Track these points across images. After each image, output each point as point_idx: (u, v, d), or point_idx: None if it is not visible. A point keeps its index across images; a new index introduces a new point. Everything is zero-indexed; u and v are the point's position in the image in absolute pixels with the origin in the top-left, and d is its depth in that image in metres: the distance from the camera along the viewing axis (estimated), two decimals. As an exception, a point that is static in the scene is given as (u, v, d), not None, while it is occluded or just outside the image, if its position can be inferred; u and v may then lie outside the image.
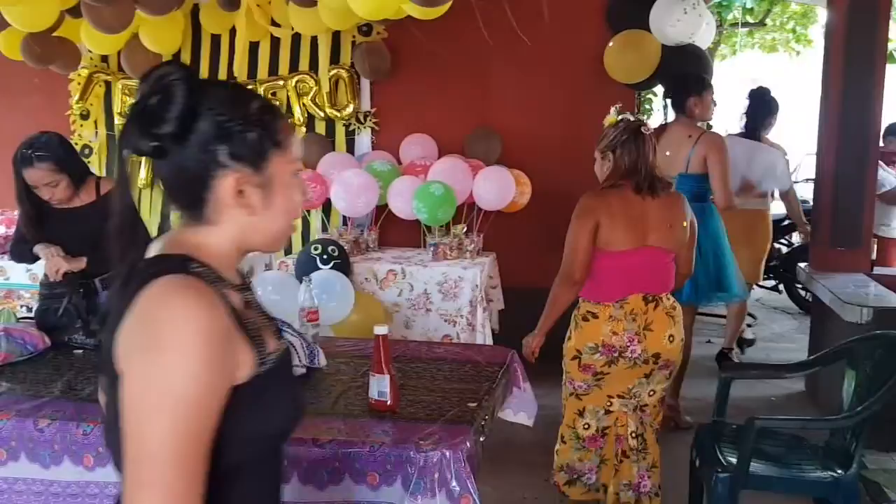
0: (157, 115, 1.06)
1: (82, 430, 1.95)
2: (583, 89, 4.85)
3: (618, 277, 2.62)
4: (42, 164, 2.66)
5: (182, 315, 0.99)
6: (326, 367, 2.39)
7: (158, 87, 1.08)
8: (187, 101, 1.06)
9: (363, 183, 4.49)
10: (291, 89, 5.16)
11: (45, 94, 5.40)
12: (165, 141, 1.06)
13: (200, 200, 1.11)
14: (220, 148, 1.08)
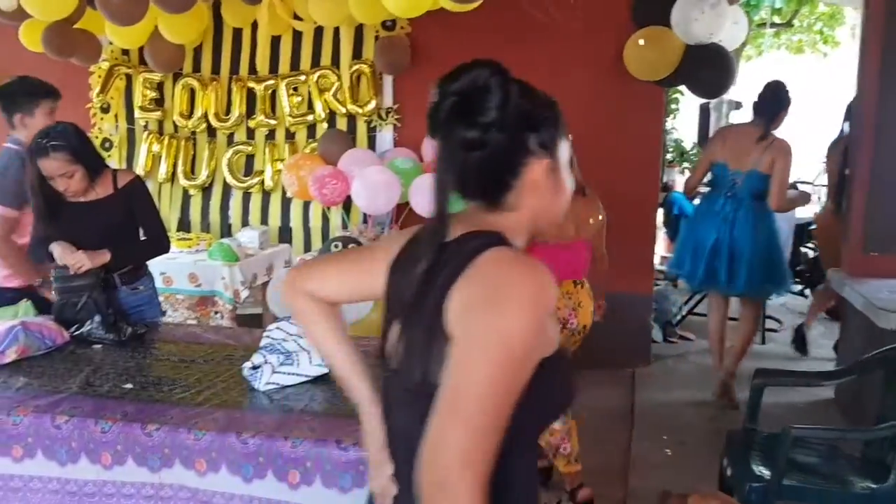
0: (480, 105, 1.15)
1: (100, 427, 1.90)
2: (605, 86, 4.77)
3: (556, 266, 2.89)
4: (57, 153, 2.62)
5: (523, 276, 1.10)
6: (349, 366, 2.33)
7: (476, 82, 1.16)
8: (503, 93, 1.15)
9: (385, 180, 4.44)
10: (313, 84, 5.11)
11: (66, 87, 5.29)
12: (488, 130, 1.14)
13: (506, 187, 1.19)
14: (531, 136, 1.18)
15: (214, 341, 2.60)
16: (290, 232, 5.29)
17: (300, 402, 2.06)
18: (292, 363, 2.20)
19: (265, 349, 2.26)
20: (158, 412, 1.97)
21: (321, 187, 4.51)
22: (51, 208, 2.73)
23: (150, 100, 5.32)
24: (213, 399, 2.07)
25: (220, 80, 5.26)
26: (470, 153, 1.16)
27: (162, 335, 2.70)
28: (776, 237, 4.17)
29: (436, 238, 1.17)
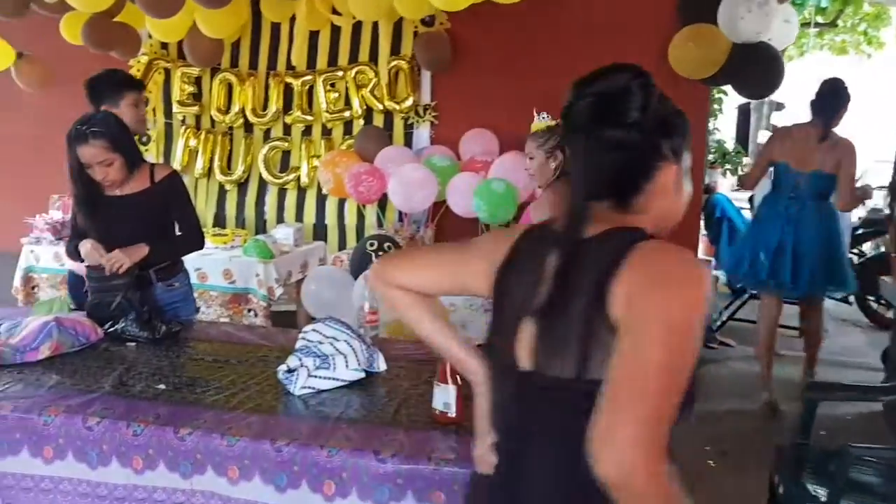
0: (622, 107, 1.18)
1: (132, 430, 1.84)
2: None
3: None
4: (97, 140, 2.58)
5: (688, 264, 1.13)
6: (385, 371, 2.25)
7: (618, 83, 1.20)
8: (645, 96, 1.19)
9: (421, 178, 4.36)
10: (350, 80, 5.05)
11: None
12: (629, 131, 1.17)
13: (638, 189, 1.22)
14: (664, 141, 1.21)
15: (249, 341, 2.55)
16: (325, 229, 5.24)
17: (336, 408, 1.99)
18: (328, 367, 2.13)
19: (301, 352, 2.19)
20: (191, 415, 1.91)
21: (357, 185, 4.45)
22: (90, 198, 2.69)
23: (188, 94, 5.30)
24: (247, 403, 2.00)
25: (258, 75, 5.23)
26: (609, 153, 1.19)
27: (196, 334, 2.65)
28: (839, 237, 4.14)
29: (572, 235, 1.19)
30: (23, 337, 2.27)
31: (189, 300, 2.91)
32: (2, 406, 1.93)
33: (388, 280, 1.44)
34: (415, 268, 1.44)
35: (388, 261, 1.50)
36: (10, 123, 5.64)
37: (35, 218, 4.65)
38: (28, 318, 2.41)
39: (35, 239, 4.60)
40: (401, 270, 1.44)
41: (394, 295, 1.45)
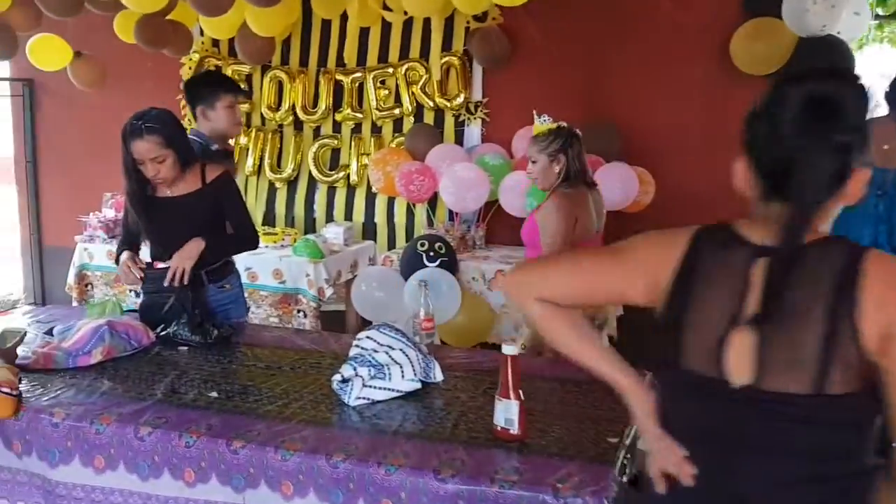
0: (845, 111, 1.16)
1: (184, 441, 1.79)
2: (710, 79, 4.47)
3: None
4: (151, 136, 2.54)
5: None
6: (443, 382, 2.17)
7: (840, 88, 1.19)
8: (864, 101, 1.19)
9: (474, 177, 4.26)
10: (401, 77, 4.98)
11: (158, 78, 5.41)
12: (852, 135, 1.17)
13: (837, 193, 1.20)
14: (866, 146, 1.19)
15: (301, 347, 2.49)
16: (374, 228, 5.18)
17: (393, 420, 1.91)
18: (384, 377, 2.05)
19: (355, 360, 2.12)
20: (244, 426, 1.85)
21: (408, 183, 4.37)
22: (142, 196, 2.65)
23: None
24: (301, 414, 1.94)
25: (308, 72, 5.19)
26: (832, 156, 1.16)
27: (248, 338, 2.60)
28: None
29: (792, 242, 1.17)
30: (75, 341, 2.24)
31: (240, 302, 2.86)
32: (54, 413, 1.90)
33: (529, 294, 1.39)
34: (558, 277, 1.40)
35: (526, 271, 1.47)
36: (65, 122, 5.72)
37: (88, 216, 4.68)
38: (81, 321, 2.38)
39: (88, 237, 4.63)
40: (542, 285, 1.39)
41: (534, 308, 1.39)
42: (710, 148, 4.44)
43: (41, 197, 5.85)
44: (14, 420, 1.91)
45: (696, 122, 4.47)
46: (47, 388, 2.06)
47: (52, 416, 1.89)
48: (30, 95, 5.72)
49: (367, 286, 3.95)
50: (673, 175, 4.41)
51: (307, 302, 4.13)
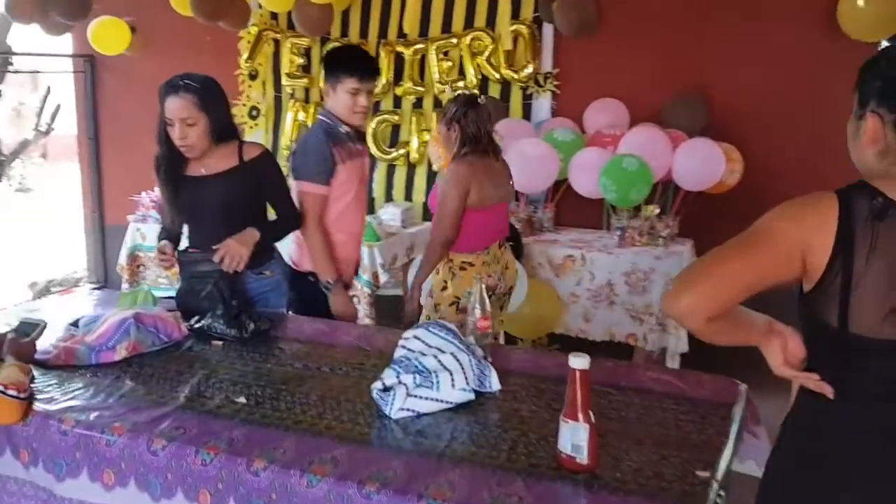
0: None
1: (201, 458, 1.57)
2: (815, 45, 4.01)
3: (484, 230, 2.92)
4: (187, 94, 2.36)
5: None
6: (500, 392, 1.89)
7: None
8: None
9: (542, 154, 3.94)
10: (465, 48, 4.67)
11: (215, 52, 5.24)
12: None
13: None
14: None
15: (345, 343, 2.24)
16: (435, 208, 4.91)
17: (439, 440, 1.64)
18: (431, 386, 1.78)
19: (399, 364, 1.86)
20: (270, 441, 1.61)
21: (471, 162, 4.08)
22: (173, 165, 2.48)
23: (298, 66, 5.08)
24: (336, 427, 1.69)
25: (368, 44, 4.93)
26: None
27: (288, 331, 2.37)
28: None
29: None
30: (99, 334, 2.05)
31: (280, 290, 2.63)
32: (64, 420, 1.70)
33: (699, 318, 1.33)
34: (721, 291, 1.31)
35: (694, 290, 1.32)
36: (125, 98, 5.63)
37: (141, 195, 4.56)
38: (108, 313, 2.19)
39: (141, 216, 4.51)
40: (707, 301, 1.31)
41: (706, 329, 1.35)
42: (809, 123, 4.01)
43: (102, 175, 5.81)
44: (22, 426, 1.72)
45: (793, 95, 4.03)
46: (64, 389, 1.88)
47: (62, 422, 1.70)
48: (91, 72, 5.65)
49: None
50: (764, 153, 4.00)
51: (361, 288, 3.91)
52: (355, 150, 2.76)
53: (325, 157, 2.64)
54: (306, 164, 2.66)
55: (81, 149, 5.82)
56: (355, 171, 2.77)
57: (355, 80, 2.67)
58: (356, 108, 2.70)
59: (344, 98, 2.68)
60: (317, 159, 2.64)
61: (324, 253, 2.69)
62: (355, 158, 2.76)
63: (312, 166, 2.64)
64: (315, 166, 2.64)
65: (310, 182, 2.65)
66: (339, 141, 2.68)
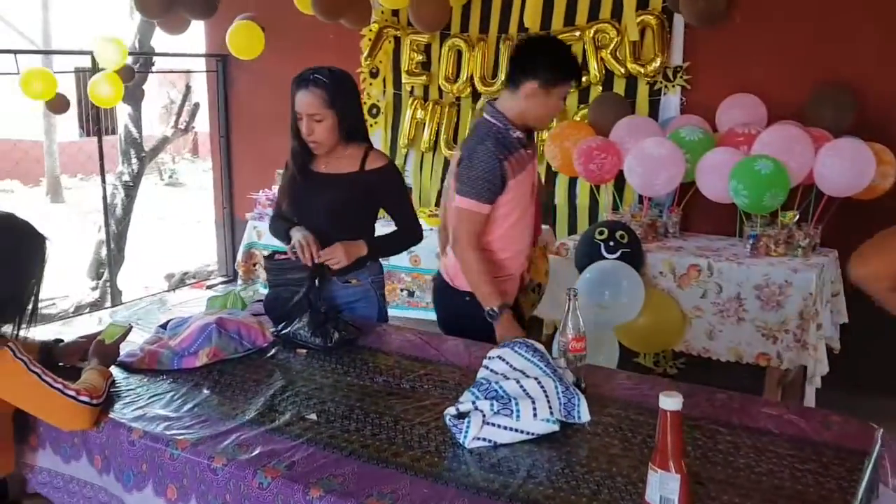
0: None
1: (258, 481, 1.49)
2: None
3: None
4: (316, 89, 2.33)
5: None
6: (589, 424, 1.70)
7: None
8: None
9: (665, 155, 3.66)
10: (589, 41, 4.43)
11: (338, 51, 5.27)
12: None
13: None
14: None
15: (430, 358, 2.12)
16: (554, 210, 4.71)
17: (514, 476, 1.48)
18: (510, 413, 1.63)
19: (479, 387, 1.71)
20: (331, 467, 1.51)
21: (588, 162, 3.86)
22: (303, 159, 2.47)
23: (417, 63, 5.02)
24: (405, 453, 1.57)
25: (488, 39, 4.79)
26: None
27: (375, 341, 2.27)
28: None
29: None
30: (182, 339, 2.04)
31: (369, 299, 2.55)
32: (133, 429, 1.68)
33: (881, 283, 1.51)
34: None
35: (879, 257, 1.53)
36: (255, 96, 5.79)
37: (258, 193, 4.65)
38: (195, 316, 2.18)
39: (258, 214, 4.60)
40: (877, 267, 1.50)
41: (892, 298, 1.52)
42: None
43: (233, 171, 6.01)
44: (96, 431, 1.72)
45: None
46: (141, 394, 1.87)
47: (131, 432, 1.68)
48: (223, 70, 5.85)
49: (536, 278, 3.50)
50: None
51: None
52: (526, 157, 2.43)
53: (493, 174, 2.31)
54: (471, 179, 2.32)
55: (213, 146, 6.05)
56: (526, 182, 2.45)
57: (570, 84, 2.40)
58: (555, 112, 2.46)
59: (544, 101, 2.33)
60: (485, 176, 2.31)
61: (480, 277, 2.35)
62: (526, 167, 2.43)
63: (478, 183, 2.31)
64: (482, 183, 2.31)
65: (472, 199, 2.33)
66: (511, 149, 2.35)
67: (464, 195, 2.34)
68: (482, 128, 2.40)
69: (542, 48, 2.39)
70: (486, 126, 2.38)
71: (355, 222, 2.49)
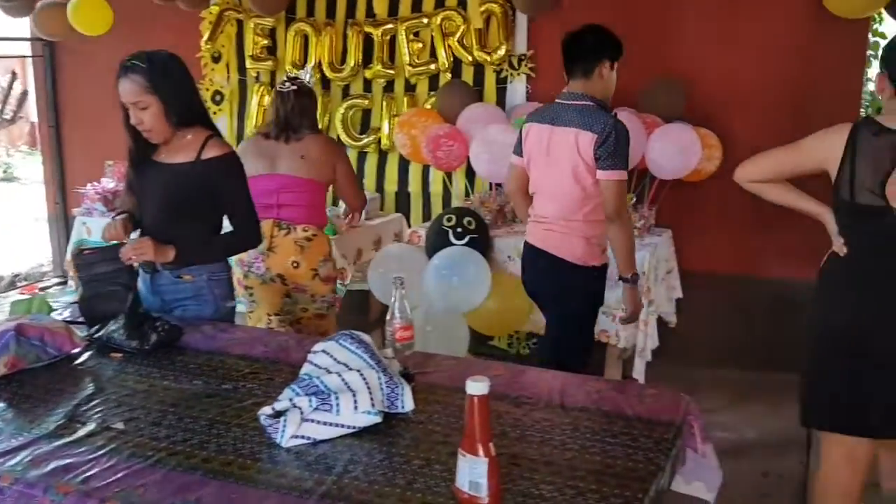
0: None
1: (49, 499, 1.37)
2: (795, 26, 3.76)
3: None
4: (135, 75, 2.19)
5: None
6: (414, 413, 1.68)
7: None
8: None
9: (510, 142, 3.69)
10: (436, 28, 4.44)
11: (178, 34, 4.99)
12: None
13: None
14: None
15: (259, 357, 2.03)
16: (408, 198, 4.70)
17: (329, 473, 1.43)
18: (330, 408, 1.58)
19: (299, 384, 1.65)
20: (133, 478, 1.41)
21: (436, 149, 3.86)
22: (138, 151, 2.33)
23: (262, 48, 4.85)
24: (216, 458, 1.49)
25: (335, 24, 4.70)
26: None
27: (199, 342, 2.14)
28: None
29: None
30: (-25, 349, 1.85)
31: (203, 298, 2.39)
32: None
33: (743, 178, 2.20)
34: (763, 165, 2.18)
35: (743, 166, 2.21)
36: (85, 84, 5.39)
37: (86, 186, 4.35)
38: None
39: (86, 210, 4.30)
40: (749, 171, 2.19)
41: (752, 187, 2.20)
42: (792, 107, 3.77)
43: (65, 164, 5.60)
44: None
45: (777, 76, 3.78)
46: (-74, 412, 1.68)
47: None
48: (50, 56, 5.43)
49: (385, 268, 3.48)
50: (746, 138, 3.74)
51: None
52: None
53: (630, 145, 2.56)
54: (621, 152, 2.50)
55: (42, 137, 5.61)
56: None
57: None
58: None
59: (612, 76, 2.63)
60: (626, 148, 2.53)
61: (632, 244, 2.60)
62: None
63: (625, 155, 2.52)
64: (626, 155, 2.54)
65: (623, 171, 2.52)
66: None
67: (617, 168, 2.49)
68: (592, 110, 2.54)
69: (601, 33, 2.63)
70: (594, 108, 2.55)
71: (195, 216, 2.33)
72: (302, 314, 3.05)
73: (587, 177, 2.52)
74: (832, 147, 1.99)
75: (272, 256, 2.97)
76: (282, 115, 3.03)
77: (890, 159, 1.91)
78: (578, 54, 2.60)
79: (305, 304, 3.03)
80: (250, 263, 2.98)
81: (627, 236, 2.56)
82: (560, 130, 2.57)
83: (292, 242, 2.96)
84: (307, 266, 2.98)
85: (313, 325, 3.07)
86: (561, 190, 2.59)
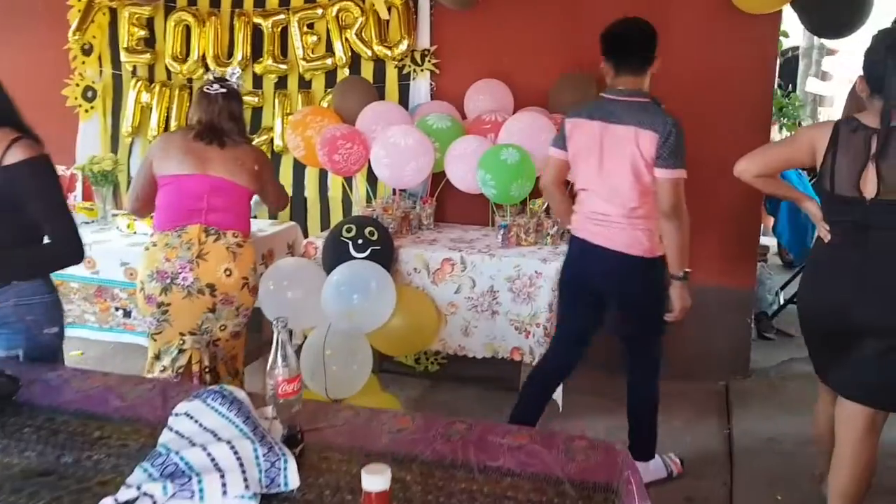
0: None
1: None
2: (707, 21, 3.65)
3: (178, 207, 2.80)
4: None
5: None
6: (299, 490, 1.37)
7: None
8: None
9: (413, 144, 3.43)
10: (332, 20, 4.10)
11: (49, 23, 4.49)
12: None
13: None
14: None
15: (113, 413, 1.67)
16: (304, 204, 4.35)
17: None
18: (192, 495, 1.25)
19: (154, 461, 1.32)
20: None
21: (332, 152, 3.53)
22: None
23: (139, 39, 4.39)
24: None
25: (220, 14, 4.29)
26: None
27: (38, 395, 1.76)
28: None
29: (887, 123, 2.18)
30: None
31: (12, 328, 2.00)
32: None
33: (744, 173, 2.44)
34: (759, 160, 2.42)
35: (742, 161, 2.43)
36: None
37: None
38: None
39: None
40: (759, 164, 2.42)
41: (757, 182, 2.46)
42: (705, 101, 3.65)
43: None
44: None
45: (687, 72, 3.65)
46: None
47: None
48: None
49: (277, 284, 3.12)
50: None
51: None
52: None
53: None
54: (681, 152, 2.54)
55: None
56: None
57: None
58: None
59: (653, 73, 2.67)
60: (684, 147, 2.56)
61: (686, 241, 2.62)
62: None
63: (684, 154, 2.55)
64: (684, 154, 2.56)
65: (683, 169, 2.55)
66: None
67: (678, 167, 2.54)
68: (650, 108, 2.58)
69: (650, 28, 2.65)
70: (651, 105, 2.59)
71: (3, 231, 1.95)
72: (220, 333, 2.84)
73: (646, 174, 2.56)
74: (820, 140, 2.23)
75: (203, 264, 2.74)
76: (207, 121, 2.85)
77: (865, 154, 2.14)
78: (634, 49, 2.62)
79: (227, 320, 2.83)
80: (175, 274, 2.73)
81: (682, 234, 2.60)
82: (616, 128, 2.58)
83: (224, 248, 2.79)
84: (239, 274, 2.81)
85: (228, 346, 2.90)
86: (620, 187, 2.61)
